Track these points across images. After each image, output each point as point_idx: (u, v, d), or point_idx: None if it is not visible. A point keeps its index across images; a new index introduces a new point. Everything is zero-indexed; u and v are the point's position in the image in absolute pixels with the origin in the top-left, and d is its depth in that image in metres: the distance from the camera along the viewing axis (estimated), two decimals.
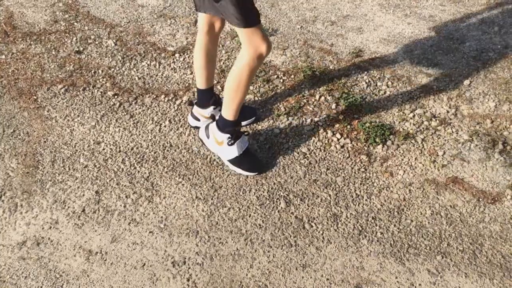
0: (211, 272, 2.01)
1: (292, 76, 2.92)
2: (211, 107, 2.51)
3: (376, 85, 2.86)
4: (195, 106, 2.54)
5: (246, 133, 2.40)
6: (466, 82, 2.87)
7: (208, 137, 2.40)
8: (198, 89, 2.49)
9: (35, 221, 2.17)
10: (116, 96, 2.79)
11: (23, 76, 2.92)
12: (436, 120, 2.64)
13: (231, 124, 2.31)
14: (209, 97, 2.49)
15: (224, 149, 2.36)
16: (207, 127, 2.42)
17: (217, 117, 2.39)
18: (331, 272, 2.01)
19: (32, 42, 3.16)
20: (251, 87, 2.84)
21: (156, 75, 2.94)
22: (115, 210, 2.22)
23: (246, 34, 2.01)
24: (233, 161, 2.37)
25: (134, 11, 3.45)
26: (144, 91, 2.84)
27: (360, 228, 2.17)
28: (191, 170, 2.39)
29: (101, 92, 2.82)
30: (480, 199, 2.28)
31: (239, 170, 2.37)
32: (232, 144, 2.34)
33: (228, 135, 2.33)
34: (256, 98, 2.77)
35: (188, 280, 1.98)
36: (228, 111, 2.28)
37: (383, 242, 2.12)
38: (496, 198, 2.28)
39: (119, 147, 2.51)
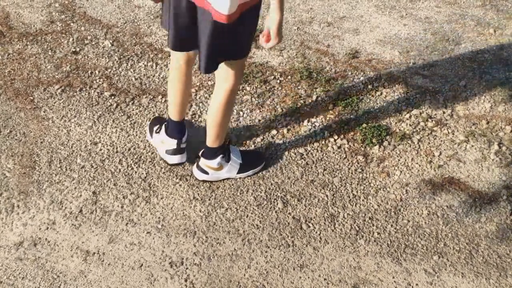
0: (209, 272, 2.01)
1: (289, 77, 2.92)
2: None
3: (373, 86, 2.87)
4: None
5: (227, 142, 2.34)
6: (462, 83, 2.89)
7: (207, 173, 2.30)
8: (173, 121, 2.32)
9: (32, 222, 2.17)
10: (113, 97, 2.79)
11: (19, 77, 2.91)
12: (432, 120, 2.66)
13: (220, 148, 2.27)
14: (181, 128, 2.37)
15: (227, 168, 2.30)
16: (198, 167, 2.32)
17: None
18: (329, 272, 2.02)
19: (28, 43, 3.15)
20: (248, 88, 2.85)
21: (153, 76, 2.94)
22: (113, 211, 2.22)
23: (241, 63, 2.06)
24: (241, 171, 2.33)
25: (131, 12, 3.45)
26: (141, 91, 2.83)
27: (357, 228, 2.18)
28: (188, 171, 2.39)
29: (98, 92, 2.81)
30: (476, 199, 2.29)
31: (252, 172, 2.35)
32: (229, 160, 2.29)
33: (221, 155, 2.27)
34: (253, 99, 2.78)
35: (186, 280, 1.98)
36: (216, 140, 2.24)
37: (380, 242, 2.12)
38: (492, 199, 2.29)
39: (116, 148, 2.51)
